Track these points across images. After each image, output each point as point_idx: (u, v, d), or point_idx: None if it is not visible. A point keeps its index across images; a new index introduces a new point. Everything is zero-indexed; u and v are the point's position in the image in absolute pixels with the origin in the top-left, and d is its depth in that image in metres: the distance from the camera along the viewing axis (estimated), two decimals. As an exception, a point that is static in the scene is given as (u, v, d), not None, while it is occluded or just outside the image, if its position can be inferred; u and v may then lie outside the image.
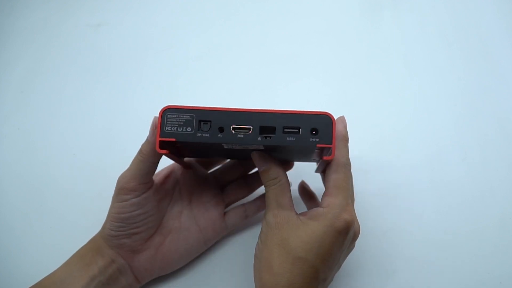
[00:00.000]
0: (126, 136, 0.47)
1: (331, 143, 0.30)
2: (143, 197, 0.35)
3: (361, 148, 0.46)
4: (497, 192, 0.44)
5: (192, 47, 0.53)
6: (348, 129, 0.34)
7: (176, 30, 0.54)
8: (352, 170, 0.34)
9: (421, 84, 0.49)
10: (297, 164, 0.42)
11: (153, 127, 0.33)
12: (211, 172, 0.42)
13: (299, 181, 0.42)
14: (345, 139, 0.34)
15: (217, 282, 0.41)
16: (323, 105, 0.49)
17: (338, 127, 0.33)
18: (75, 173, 0.46)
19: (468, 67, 0.50)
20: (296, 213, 0.33)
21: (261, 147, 0.32)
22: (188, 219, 0.39)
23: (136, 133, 0.47)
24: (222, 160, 0.42)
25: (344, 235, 0.32)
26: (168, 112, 0.31)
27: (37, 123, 0.49)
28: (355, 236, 0.34)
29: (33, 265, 0.42)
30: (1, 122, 0.49)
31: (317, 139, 0.30)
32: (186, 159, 0.41)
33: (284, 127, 0.30)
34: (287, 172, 0.41)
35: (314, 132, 0.30)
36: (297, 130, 0.30)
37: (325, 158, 0.32)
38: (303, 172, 0.43)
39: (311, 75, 0.51)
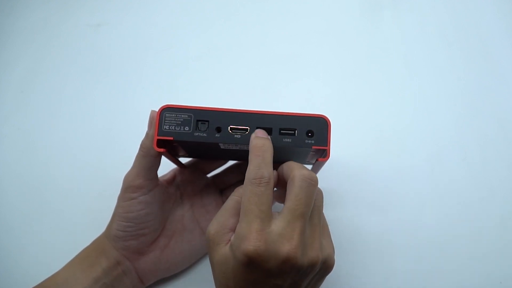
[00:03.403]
0: (126, 136, 0.47)
1: (326, 145, 0.31)
2: (150, 195, 0.35)
3: (361, 148, 0.46)
4: (497, 192, 0.44)
5: (192, 47, 0.53)
6: (347, 130, 0.34)
7: (176, 30, 0.54)
8: (352, 170, 0.34)
9: (421, 84, 0.50)
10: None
11: (151, 121, 0.32)
12: (210, 176, 0.43)
13: None
14: (256, 147, 0.29)
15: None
16: (323, 105, 0.49)
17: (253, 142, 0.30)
18: (75, 173, 0.46)
19: (468, 67, 0.50)
20: (230, 231, 0.30)
21: None
22: (191, 222, 0.39)
23: (136, 133, 0.47)
24: (221, 163, 0.42)
25: (255, 268, 0.27)
26: (166, 111, 0.31)
27: (37, 123, 0.49)
28: (301, 269, 0.28)
29: (33, 265, 0.42)
30: (1, 122, 0.49)
31: (313, 141, 0.31)
32: (186, 162, 0.41)
33: (281, 129, 0.31)
34: None
35: (309, 134, 0.31)
36: (293, 132, 0.31)
37: (320, 159, 0.32)
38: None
39: (311, 75, 0.51)
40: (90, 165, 0.46)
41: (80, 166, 0.46)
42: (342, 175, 0.44)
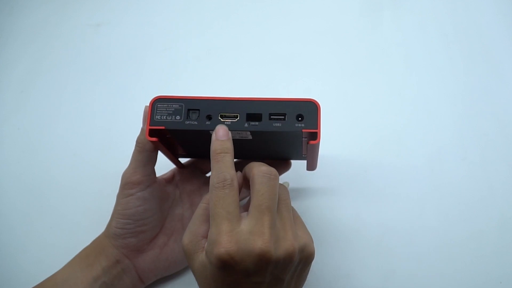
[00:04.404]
0: (126, 136, 0.47)
1: (317, 128, 0.31)
2: (147, 191, 0.35)
3: (361, 148, 0.46)
4: (497, 192, 0.44)
5: (192, 47, 0.53)
6: (347, 129, 0.34)
7: (176, 30, 0.54)
8: (352, 170, 0.33)
9: (421, 84, 0.50)
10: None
11: (145, 116, 0.33)
12: (209, 175, 0.42)
13: (291, 180, 0.42)
14: (215, 153, 0.30)
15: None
16: (323, 104, 0.49)
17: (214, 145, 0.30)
18: (75, 173, 0.46)
19: (468, 67, 0.50)
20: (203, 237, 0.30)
21: (249, 136, 0.32)
22: None
23: (136, 133, 0.47)
24: None
25: (231, 270, 0.27)
26: (158, 102, 0.32)
27: (37, 123, 0.49)
28: (287, 261, 0.28)
29: (33, 265, 0.42)
30: (1, 122, 0.49)
31: (303, 125, 0.31)
32: (185, 162, 0.41)
33: (271, 114, 0.31)
34: (285, 174, 0.41)
35: (299, 118, 0.31)
36: (283, 117, 0.31)
37: (311, 142, 0.32)
38: (296, 173, 0.43)
39: (311, 75, 0.51)
40: (90, 165, 0.46)
41: (80, 166, 0.46)
42: (342, 174, 0.44)
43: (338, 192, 0.44)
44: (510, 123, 0.47)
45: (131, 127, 0.47)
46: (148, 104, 0.32)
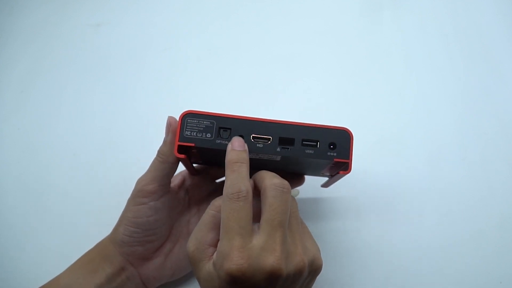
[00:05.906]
0: (126, 136, 0.47)
1: (348, 158, 0.31)
2: (160, 201, 0.34)
3: (361, 148, 0.46)
4: (497, 192, 0.44)
5: (192, 47, 0.53)
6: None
7: (176, 30, 0.54)
8: (352, 170, 0.33)
9: (421, 84, 0.50)
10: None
11: (168, 127, 0.32)
12: (218, 181, 0.42)
13: (305, 193, 0.42)
14: (231, 162, 0.29)
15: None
16: (324, 105, 0.49)
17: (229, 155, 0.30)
18: (75, 173, 0.46)
19: (468, 67, 0.50)
20: (210, 246, 0.30)
21: (278, 158, 0.31)
22: None
23: (136, 133, 0.47)
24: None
25: (241, 285, 0.27)
26: (188, 117, 0.30)
27: (37, 123, 0.49)
28: (294, 276, 0.28)
29: (33, 266, 0.41)
30: (1, 122, 0.49)
31: (335, 154, 0.31)
32: (195, 167, 0.40)
33: (303, 140, 0.31)
34: (300, 187, 0.41)
35: (332, 146, 0.31)
36: (315, 144, 0.31)
37: (341, 172, 0.32)
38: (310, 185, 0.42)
39: (311, 75, 0.51)
40: (90, 165, 0.46)
41: (80, 166, 0.46)
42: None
43: (338, 192, 0.44)
44: (510, 122, 0.47)
45: (131, 127, 0.47)
46: (171, 114, 0.31)
